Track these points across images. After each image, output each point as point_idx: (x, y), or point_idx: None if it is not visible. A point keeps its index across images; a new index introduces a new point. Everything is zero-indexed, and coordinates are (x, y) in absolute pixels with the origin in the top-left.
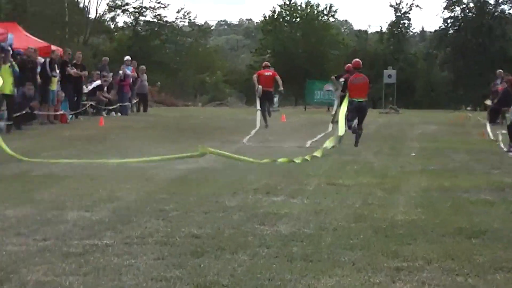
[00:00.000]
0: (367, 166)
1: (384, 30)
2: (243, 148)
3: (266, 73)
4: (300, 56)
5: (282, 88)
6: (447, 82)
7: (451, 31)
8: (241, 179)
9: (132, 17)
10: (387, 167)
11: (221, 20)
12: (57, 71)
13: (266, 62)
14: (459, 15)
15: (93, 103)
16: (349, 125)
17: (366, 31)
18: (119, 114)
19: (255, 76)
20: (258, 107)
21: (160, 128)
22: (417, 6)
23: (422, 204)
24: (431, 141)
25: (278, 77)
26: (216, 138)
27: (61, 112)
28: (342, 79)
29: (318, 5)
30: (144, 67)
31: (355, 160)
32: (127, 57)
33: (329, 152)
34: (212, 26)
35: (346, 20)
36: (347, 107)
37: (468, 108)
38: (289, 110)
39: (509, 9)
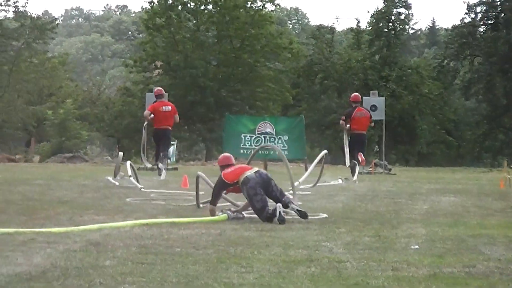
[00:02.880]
0: (332, 268)
1: (363, 26)
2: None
3: (164, 108)
4: (213, 74)
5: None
6: (476, 120)
7: (482, 28)
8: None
9: None
10: (369, 271)
11: (72, 9)
12: None
13: (160, 89)
14: (497, 0)
15: None
16: (264, 216)
17: (331, 28)
18: None
19: (147, 113)
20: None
21: None
22: None
23: None
24: (447, 224)
25: (177, 116)
26: (60, 222)
27: None
28: None
29: None
30: None
31: (311, 256)
32: None
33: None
34: (57, 19)
35: (297, 9)
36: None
37: None
38: (195, 168)
39: None
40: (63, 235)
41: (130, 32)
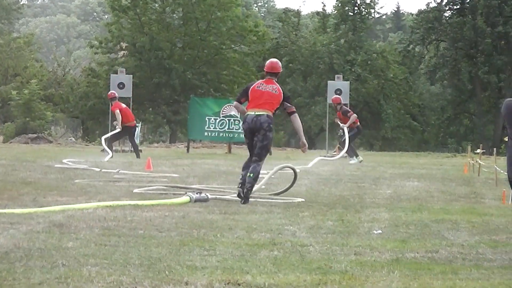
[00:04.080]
0: (295, 252)
1: (329, 10)
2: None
3: (124, 105)
4: (178, 56)
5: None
6: (441, 105)
7: (448, 13)
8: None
9: None
10: (332, 255)
11: None
12: None
13: (113, 92)
14: None
15: None
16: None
17: (297, 12)
18: None
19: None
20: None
21: None
22: None
23: None
24: (410, 209)
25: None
26: (24, 203)
27: None
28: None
29: None
30: None
31: (274, 240)
32: None
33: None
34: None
35: None
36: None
37: (478, 151)
38: (160, 151)
39: None
40: (26, 216)
41: (95, 13)
